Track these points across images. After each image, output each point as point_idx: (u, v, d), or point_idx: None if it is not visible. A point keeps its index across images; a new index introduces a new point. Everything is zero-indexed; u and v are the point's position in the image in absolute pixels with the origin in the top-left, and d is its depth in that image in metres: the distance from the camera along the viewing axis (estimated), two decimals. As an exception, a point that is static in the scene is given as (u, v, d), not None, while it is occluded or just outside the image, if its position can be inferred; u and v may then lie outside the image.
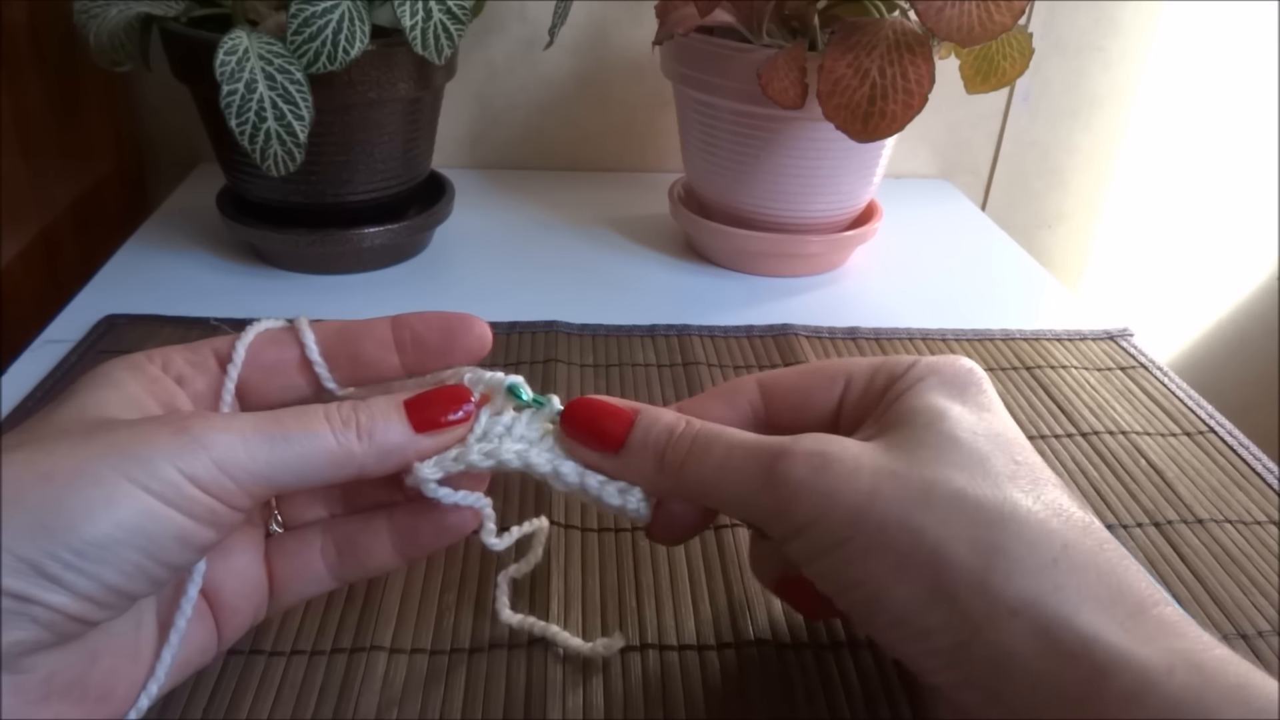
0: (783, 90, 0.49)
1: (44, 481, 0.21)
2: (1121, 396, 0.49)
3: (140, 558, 0.22)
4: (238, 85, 0.46)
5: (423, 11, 0.49)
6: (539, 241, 0.65)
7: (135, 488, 0.22)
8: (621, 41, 0.74)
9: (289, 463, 0.24)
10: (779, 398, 0.30)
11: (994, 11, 0.45)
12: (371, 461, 0.26)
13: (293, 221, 0.56)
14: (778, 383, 0.30)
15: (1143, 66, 0.79)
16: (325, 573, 0.29)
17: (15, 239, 0.59)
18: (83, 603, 0.22)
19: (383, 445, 0.26)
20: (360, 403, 0.26)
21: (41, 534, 0.21)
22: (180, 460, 0.23)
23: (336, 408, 0.26)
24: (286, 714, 0.29)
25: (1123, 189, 0.84)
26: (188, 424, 0.23)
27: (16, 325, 0.56)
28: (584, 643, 0.31)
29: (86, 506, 0.21)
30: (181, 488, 0.23)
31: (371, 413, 0.26)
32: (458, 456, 0.27)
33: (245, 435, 0.24)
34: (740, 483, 0.26)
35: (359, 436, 0.25)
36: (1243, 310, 0.91)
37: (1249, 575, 0.37)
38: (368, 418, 0.26)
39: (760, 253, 0.60)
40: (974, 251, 0.68)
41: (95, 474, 0.22)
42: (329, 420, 0.25)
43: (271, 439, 0.24)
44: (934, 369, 0.28)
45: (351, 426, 0.25)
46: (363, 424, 0.25)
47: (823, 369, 0.30)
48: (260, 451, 0.24)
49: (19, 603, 0.21)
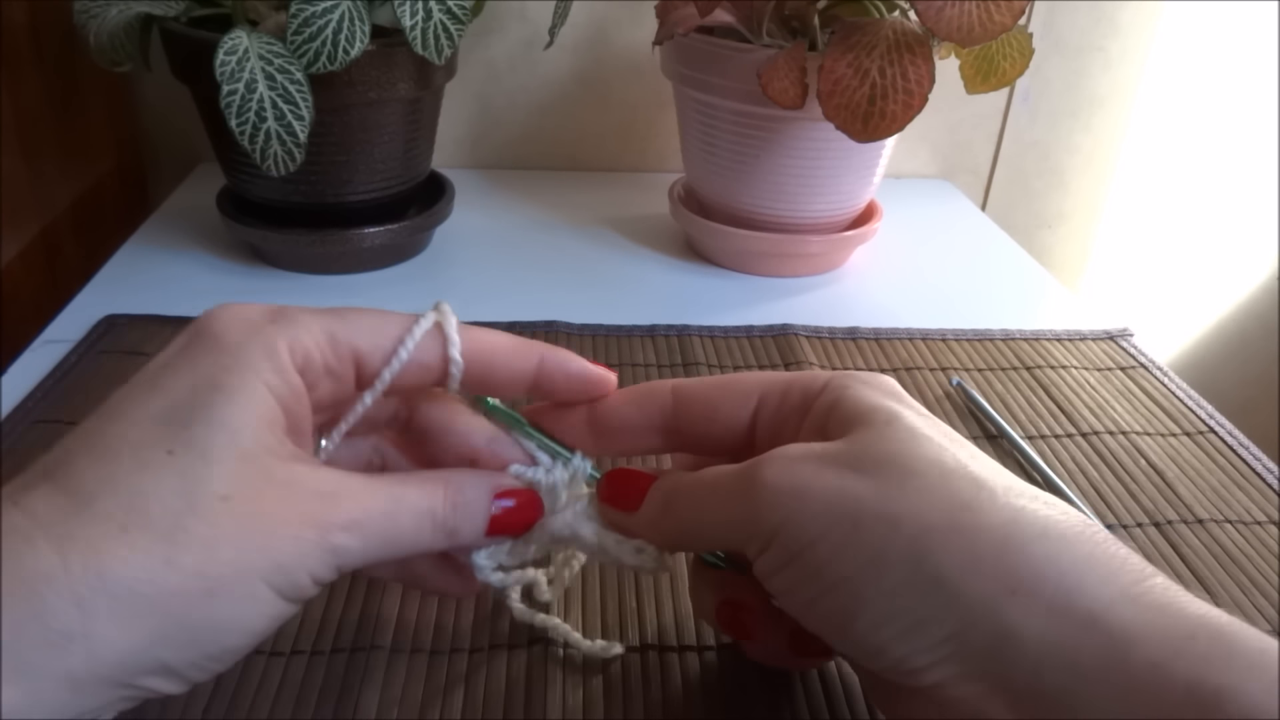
0: (783, 90, 0.49)
1: (208, 599, 0.21)
2: (1121, 396, 0.49)
3: (251, 646, 0.23)
4: (238, 85, 0.46)
5: (423, 11, 0.49)
6: (539, 241, 0.65)
7: (277, 598, 0.23)
8: (621, 41, 0.74)
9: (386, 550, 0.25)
10: (688, 407, 0.29)
11: (994, 11, 0.45)
12: (444, 547, 0.27)
13: (293, 221, 0.56)
14: (689, 393, 0.29)
15: (1143, 66, 0.79)
16: None
17: (15, 239, 0.59)
18: (184, 686, 0.22)
19: (459, 543, 0.27)
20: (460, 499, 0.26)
21: (194, 648, 0.22)
22: (315, 567, 0.23)
23: (443, 504, 0.26)
24: (286, 714, 0.29)
25: (1123, 189, 0.84)
26: (329, 523, 0.23)
27: (16, 325, 0.56)
28: (587, 640, 0.31)
29: (236, 624, 0.22)
30: (307, 590, 0.24)
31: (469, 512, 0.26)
32: (511, 550, 0.29)
33: (368, 539, 0.24)
34: (722, 501, 0.26)
35: (446, 537, 0.26)
36: (1243, 310, 0.91)
37: (1249, 575, 0.37)
38: (462, 518, 0.26)
39: (760, 253, 0.60)
40: (974, 251, 0.68)
41: (251, 591, 0.22)
42: (433, 521, 0.26)
43: (384, 535, 0.25)
44: (858, 379, 0.27)
45: (448, 529, 0.26)
46: (454, 528, 0.26)
47: (734, 384, 0.29)
48: (374, 545, 0.24)
49: (140, 691, 0.21)
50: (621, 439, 0.29)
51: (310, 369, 0.25)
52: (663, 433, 0.29)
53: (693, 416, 0.29)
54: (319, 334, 0.25)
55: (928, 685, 0.22)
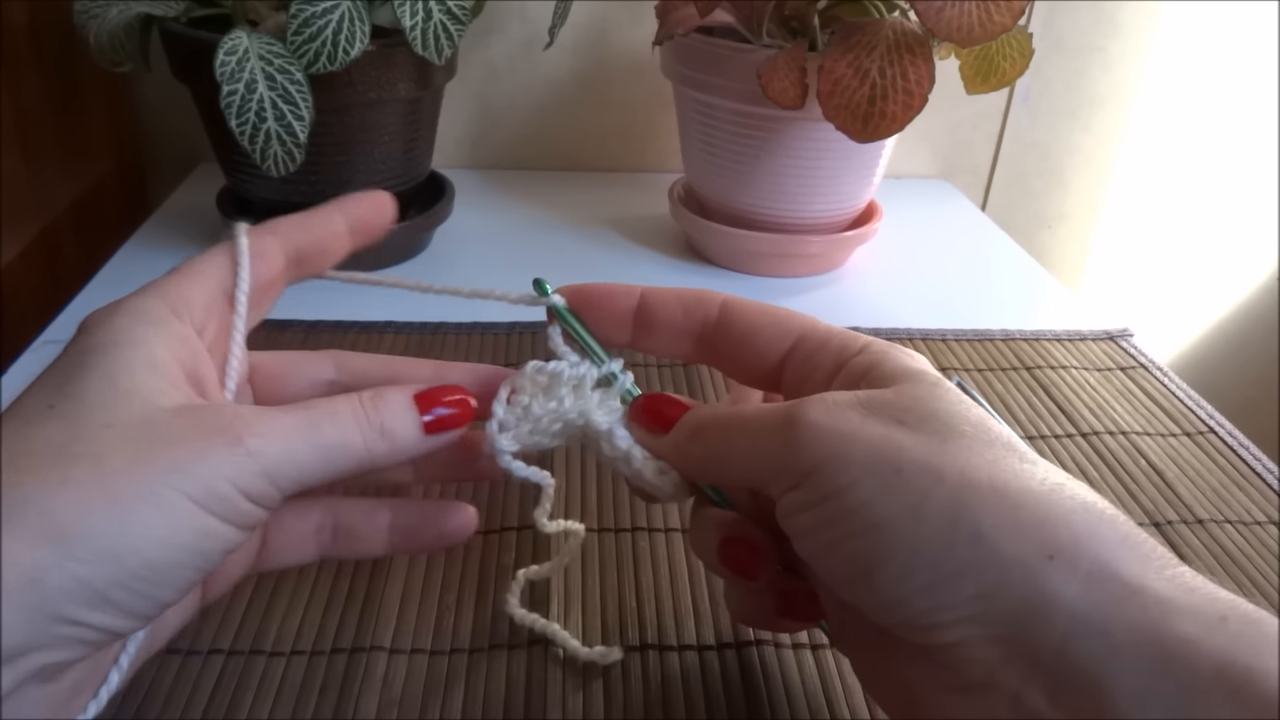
0: (783, 90, 0.49)
1: (111, 506, 0.21)
2: (1121, 397, 0.49)
3: (192, 573, 0.22)
4: (238, 85, 0.46)
5: (423, 11, 0.49)
6: (539, 241, 0.65)
7: (196, 508, 0.22)
8: (621, 41, 0.74)
9: (323, 465, 0.24)
10: (730, 326, 0.29)
11: (994, 12, 0.45)
12: (388, 460, 0.26)
13: (293, 221, 0.56)
14: (736, 313, 0.29)
15: (1143, 66, 0.79)
16: (314, 549, 0.29)
17: (15, 239, 0.59)
18: (132, 620, 0.22)
19: (397, 447, 0.26)
20: (378, 398, 0.26)
21: (111, 562, 0.21)
22: (236, 475, 0.22)
23: (361, 405, 0.26)
24: (286, 714, 0.29)
25: (1123, 189, 0.84)
26: (239, 433, 0.23)
27: (16, 325, 0.56)
28: (585, 648, 0.31)
29: (152, 531, 0.21)
30: (236, 503, 0.23)
31: (391, 410, 0.26)
32: (534, 428, 0.28)
33: (291, 442, 0.24)
34: (757, 431, 0.25)
35: (380, 436, 0.25)
36: (1243, 310, 0.91)
37: (1249, 575, 0.37)
38: (389, 416, 0.26)
39: (760, 253, 0.60)
40: (974, 252, 0.68)
41: (160, 496, 0.21)
42: (356, 420, 0.25)
43: (310, 443, 0.24)
44: (896, 347, 0.27)
45: (376, 427, 0.25)
46: (386, 424, 0.26)
47: (779, 317, 0.29)
48: (302, 456, 0.24)
49: (75, 627, 0.21)
50: (660, 338, 0.30)
51: (192, 314, 0.26)
52: (699, 341, 0.29)
53: (732, 336, 0.29)
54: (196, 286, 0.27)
55: (942, 644, 0.22)
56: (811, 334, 0.28)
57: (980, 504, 0.21)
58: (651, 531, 0.38)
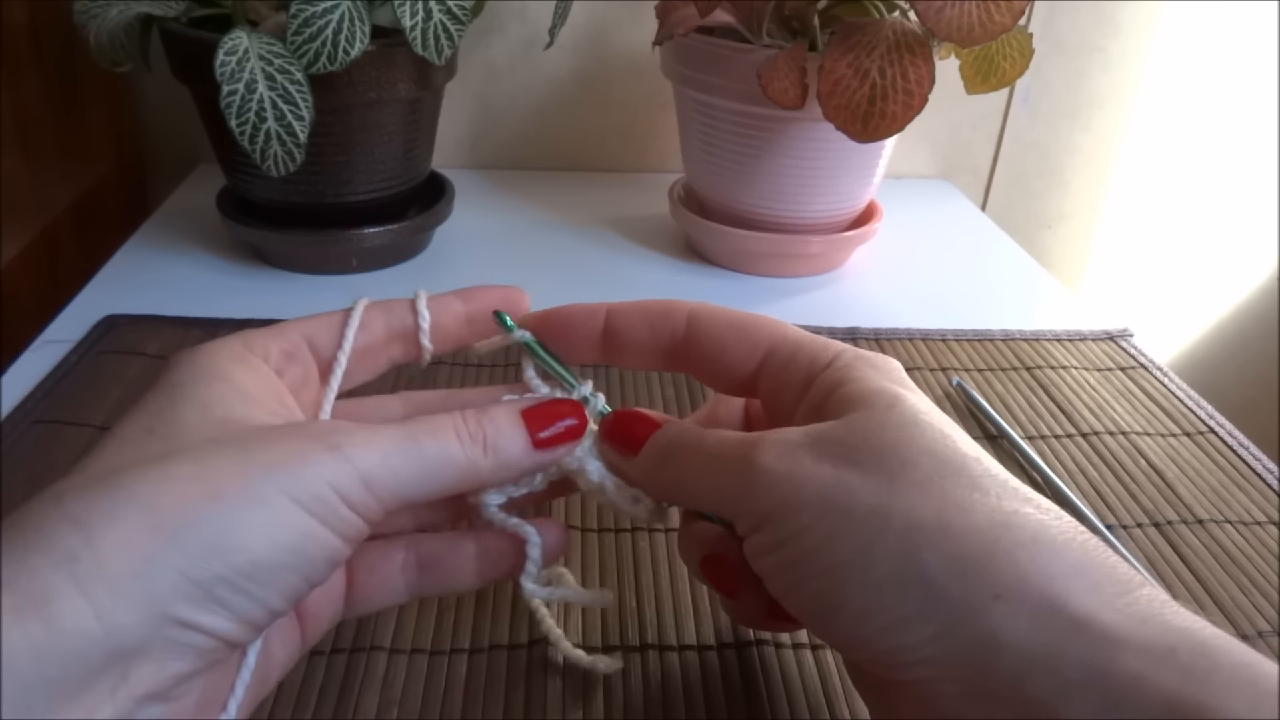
0: (783, 90, 0.49)
1: (215, 501, 0.21)
2: (1121, 397, 0.49)
3: (297, 579, 0.22)
4: (238, 85, 0.46)
5: (423, 12, 0.49)
6: (539, 241, 0.65)
7: (298, 508, 0.22)
8: (621, 41, 0.74)
9: (423, 478, 0.24)
10: (698, 341, 0.29)
11: (994, 12, 0.45)
12: (492, 476, 0.26)
13: (293, 221, 0.56)
14: (703, 327, 0.29)
15: (1143, 67, 0.79)
16: (403, 587, 0.29)
17: (15, 239, 0.59)
18: (242, 627, 0.21)
19: (504, 460, 0.26)
20: (483, 414, 0.26)
21: (216, 557, 0.20)
22: (335, 479, 0.22)
23: (463, 419, 0.26)
24: (286, 714, 0.29)
25: (1123, 189, 0.84)
26: (336, 439, 0.23)
27: (16, 325, 0.56)
28: (585, 655, 0.31)
29: (256, 528, 0.21)
30: (336, 507, 0.22)
31: (496, 424, 0.26)
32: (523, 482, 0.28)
33: (387, 450, 0.24)
34: (720, 472, 0.25)
35: (484, 451, 0.25)
36: (1243, 310, 0.91)
37: (1249, 575, 0.37)
38: (493, 431, 0.26)
39: (760, 253, 0.60)
40: (974, 252, 0.68)
41: (263, 494, 0.21)
42: (458, 433, 0.25)
43: (408, 454, 0.24)
44: (865, 360, 0.27)
45: (479, 441, 0.25)
46: (489, 438, 0.26)
47: (747, 329, 0.29)
48: (400, 467, 0.24)
49: (185, 630, 0.20)
50: (630, 355, 0.30)
51: (269, 357, 0.27)
52: (670, 355, 0.29)
53: (701, 351, 0.29)
54: (274, 336, 0.27)
55: (909, 681, 0.22)
56: (780, 347, 0.28)
57: (927, 545, 0.22)
58: (651, 531, 0.38)
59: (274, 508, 0.21)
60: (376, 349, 0.29)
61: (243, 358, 0.26)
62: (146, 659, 0.20)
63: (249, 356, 0.26)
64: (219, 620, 0.21)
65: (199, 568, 0.20)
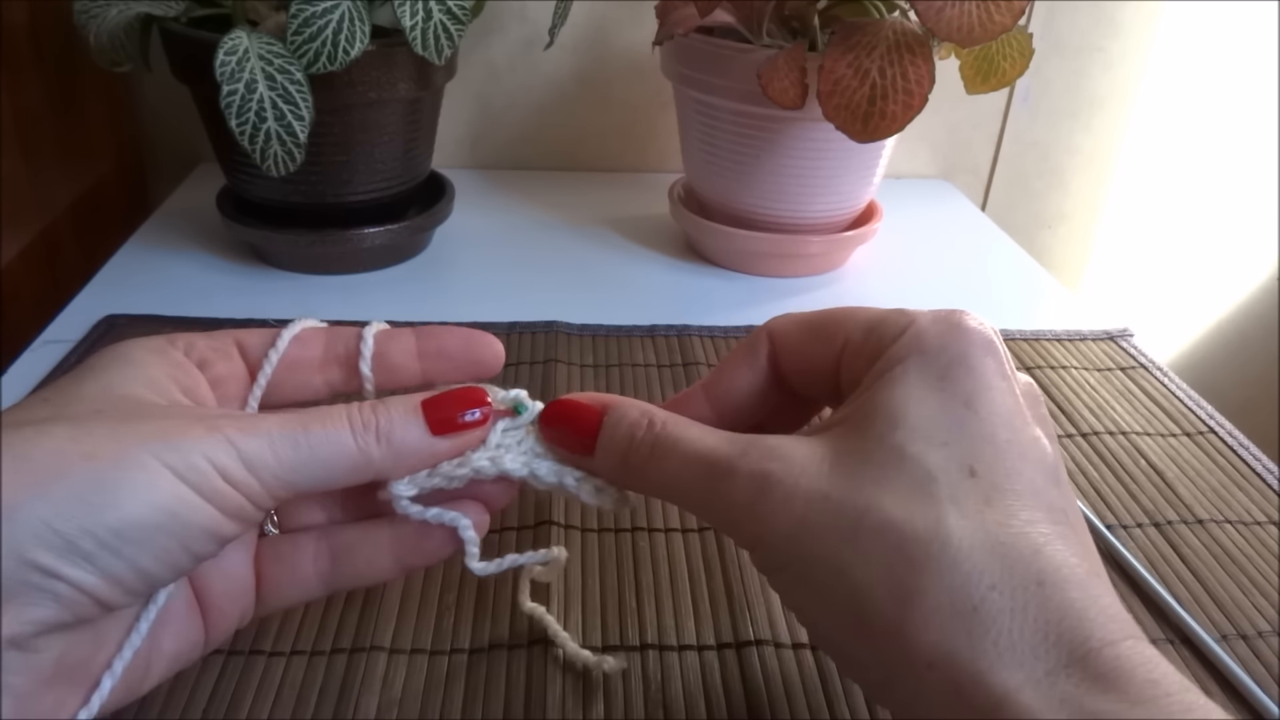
0: (783, 90, 0.49)
1: (88, 459, 0.21)
2: (1121, 397, 0.49)
3: (171, 543, 0.22)
4: (238, 85, 0.46)
5: (423, 11, 0.49)
6: (539, 241, 0.65)
7: (173, 475, 0.22)
8: (621, 41, 0.74)
9: (311, 466, 0.24)
10: (784, 353, 0.29)
11: (994, 12, 0.45)
12: (389, 466, 0.26)
13: (293, 221, 0.56)
14: (784, 338, 0.29)
15: (1143, 67, 0.79)
16: (315, 580, 0.28)
17: (15, 239, 0.59)
18: (109, 585, 0.22)
19: (400, 448, 0.26)
20: (379, 403, 0.26)
21: (82, 510, 0.21)
22: (213, 455, 0.23)
23: (358, 409, 0.25)
24: (286, 714, 0.29)
25: (1123, 189, 0.84)
26: (218, 422, 0.24)
27: (16, 325, 0.56)
28: (590, 654, 0.31)
29: (127, 487, 0.22)
30: (213, 480, 0.23)
31: (390, 415, 0.26)
32: (431, 473, 0.27)
33: (272, 436, 0.24)
34: (693, 496, 0.26)
35: (378, 440, 0.25)
36: (1243, 310, 0.91)
37: (1249, 575, 0.37)
38: (386, 420, 0.25)
39: (760, 253, 0.60)
40: (974, 252, 0.68)
41: (137, 458, 0.22)
42: (350, 422, 0.25)
43: (295, 441, 0.24)
44: (919, 346, 0.25)
45: (371, 430, 0.25)
46: (381, 426, 0.25)
47: (823, 325, 0.28)
48: (285, 453, 0.24)
49: (46, 578, 0.21)
50: (747, 407, 0.29)
51: (193, 349, 0.27)
52: (775, 385, 0.29)
53: (790, 366, 0.29)
54: (204, 336, 0.28)
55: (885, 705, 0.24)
56: (854, 335, 0.27)
57: (875, 609, 0.22)
58: (651, 531, 0.38)
59: (148, 471, 0.22)
60: (310, 365, 0.29)
61: (162, 349, 0.27)
62: (8, 601, 0.21)
63: (169, 349, 0.27)
64: (82, 573, 0.21)
65: (63, 518, 0.21)
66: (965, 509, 0.22)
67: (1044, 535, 0.22)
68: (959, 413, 0.24)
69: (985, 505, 0.22)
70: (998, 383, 0.25)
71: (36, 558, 0.20)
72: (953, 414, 0.24)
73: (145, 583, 0.23)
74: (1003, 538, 0.22)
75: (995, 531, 0.22)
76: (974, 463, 0.23)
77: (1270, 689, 0.32)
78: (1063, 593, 0.21)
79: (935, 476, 0.23)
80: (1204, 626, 0.35)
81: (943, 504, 0.22)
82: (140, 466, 0.22)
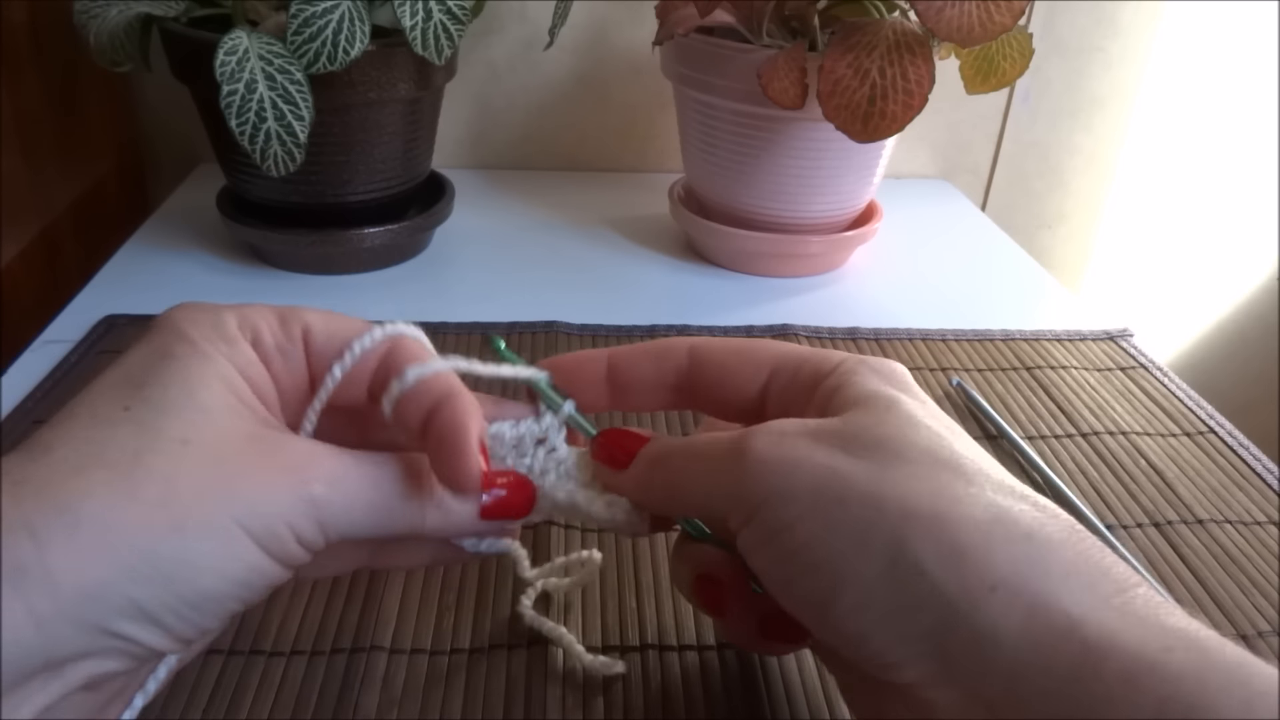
0: (783, 90, 0.49)
1: (176, 533, 0.21)
2: (1121, 397, 0.49)
3: (236, 605, 0.23)
4: (238, 85, 0.46)
5: (423, 12, 0.49)
6: (539, 241, 0.65)
7: (252, 544, 0.22)
8: (621, 41, 0.74)
9: (373, 525, 0.25)
10: (703, 371, 0.29)
11: (994, 12, 0.45)
12: (431, 530, 0.26)
13: (293, 221, 0.56)
14: (705, 357, 0.29)
15: (1143, 67, 0.79)
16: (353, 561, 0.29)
17: (15, 239, 0.59)
18: (173, 641, 0.22)
19: (448, 523, 0.26)
20: None
21: (165, 587, 0.21)
22: (293, 517, 0.23)
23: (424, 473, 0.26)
24: (286, 714, 0.29)
25: (1123, 189, 0.84)
26: (306, 475, 0.23)
27: (16, 325, 0.56)
28: (596, 658, 0.31)
29: (209, 562, 0.22)
30: (288, 544, 0.23)
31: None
32: None
33: (351, 498, 0.24)
34: (710, 469, 0.25)
35: (435, 506, 0.26)
36: (1243, 310, 0.91)
37: (1249, 575, 0.37)
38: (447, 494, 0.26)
39: (760, 253, 0.60)
40: (974, 252, 0.68)
41: (221, 529, 0.22)
42: (420, 493, 0.25)
43: (368, 504, 0.24)
44: (868, 365, 0.27)
45: (433, 502, 0.26)
46: (442, 500, 0.26)
47: (750, 353, 0.29)
48: (359, 515, 0.24)
49: (123, 642, 0.21)
50: (637, 395, 0.30)
51: (260, 343, 0.26)
52: (676, 391, 0.29)
53: (707, 381, 0.29)
54: (267, 314, 0.26)
55: (904, 683, 0.22)
56: (784, 365, 0.28)
57: (922, 534, 0.21)
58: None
59: (230, 543, 0.22)
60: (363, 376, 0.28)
61: (232, 339, 0.25)
62: (82, 661, 0.21)
63: (239, 341, 0.25)
64: (156, 637, 0.22)
65: (148, 596, 0.21)
66: (983, 466, 0.24)
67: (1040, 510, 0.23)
68: (929, 408, 0.26)
69: (994, 469, 0.24)
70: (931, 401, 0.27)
71: (119, 629, 0.21)
72: (925, 407, 0.26)
73: (203, 636, 0.23)
74: (1027, 495, 0.23)
75: (1016, 488, 0.23)
76: (969, 444, 0.25)
77: (1270, 689, 0.32)
78: (1091, 541, 0.22)
79: (949, 439, 0.24)
80: (1204, 626, 0.35)
81: (964, 459, 0.23)
82: (222, 539, 0.22)
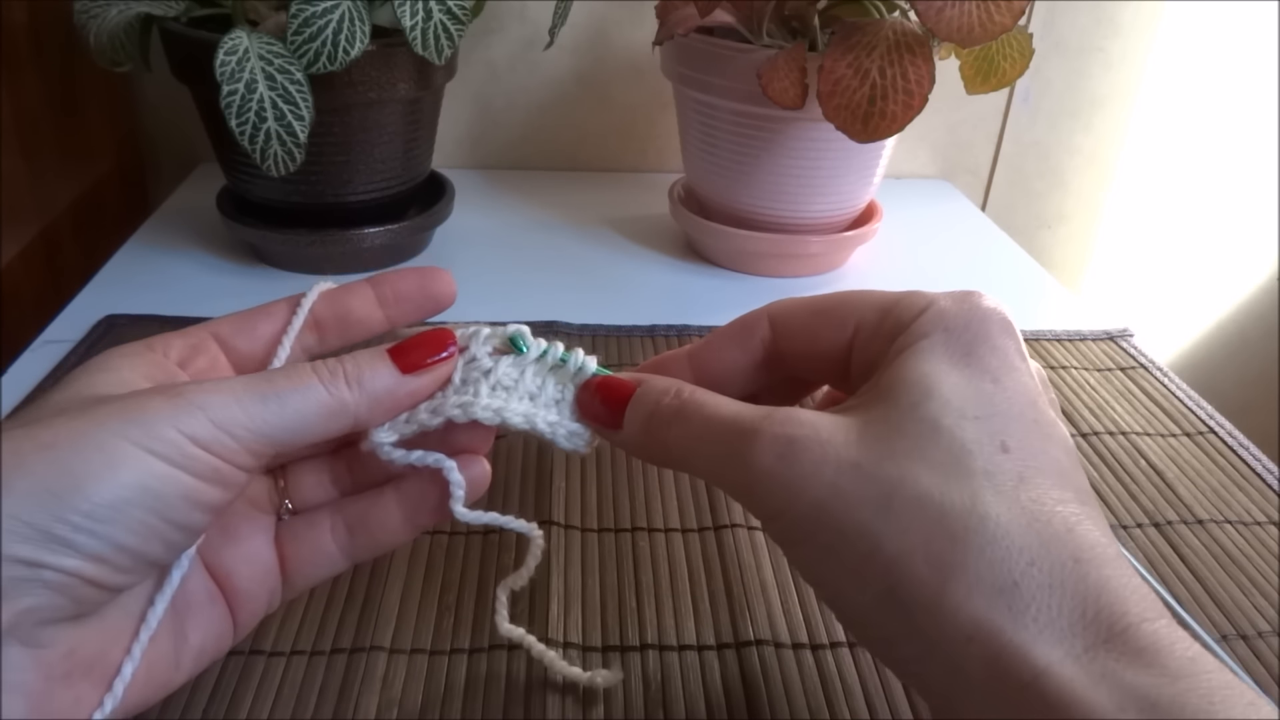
0: (783, 90, 0.49)
1: (46, 449, 0.21)
2: (1121, 397, 0.49)
3: (150, 517, 0.22)
4: (238, 85, 0.46)
5: (423, 11, 0.49)
6: (539, 241, 0.65)
7: (137, 449, 0.22)
8: (621, 41, 0.74)
9: (285, 418, 0.24)
10: (788, 337, 0.28)
11: (994, 12, 0.45)
12: (364, 409, 0.26)
13: (293, 221, 0.56)
14: (788, 322, 0.29)
15: (1143, 67, 0.79)
16: (337, 553, 0.29)
17: (15, 239, 0.59)
18: (95, 564, 0.22)
19: (373, 391, 0.26)
20: (346, 355, 0.26)
21: (48, 499, 0.21)
22: (178, 421, 0.23)
23: (323, 361, 0.26)
24: (286, 714, 0.29)
25: (1123, 189, 0.84)
26: (181, 389, 0.24)
27: (16, 325, 0.56)
28: (581, 672, 0.30)
29: (91, 470, 0.22)
30: (183, 446, 0.23)
31: (358, 361, 0.26)
32: (409, 418, 0.27)
33: (238, 394, 0.24)
34: (713, 460, 0.25)
35: (349, 385, 0.25)
36: (1243, 310, 0.91)
37: (1249, 575, 0.37)
38: (354, 366, 0.26)
39: (760, 253, 0.60)
40: (974, 252, 0.68)
41: (96, 440, 0.22)
42: (317, 373, 0.25)
43: (264, 396, 0.24)
44: (943, 323, 0.25)
45: (340, 377, 0.25)
46: (350, 373, 0.26)
47: (832, 310, 0.28)
48: (255, 408, 0.24)
49: (28, 568, 0.21)
50: (728, 385, 0.29)
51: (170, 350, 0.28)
52: (764, 368, 0.29)
53: (794, 350, 0.28)
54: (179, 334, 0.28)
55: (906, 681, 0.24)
56: (865, 320, 0.27)
57: (910, 582, 0.22)
58: (651, 531, 0.38)
59: (110, 451, 0.22)
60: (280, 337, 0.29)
61: (139, 353, 0.27)
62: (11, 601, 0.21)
63: (147, 352, 0.27)
64: (64, 558, 0.21)
65: (30, 509, 0.21)
66: (1000, 485, 0.22)
67: (1075, 514, 0.22)
68: (987, 388, 0.24)
69: (1019, 482, 0.22)
70: (1019, 363, 0.25)
71: (15, 551, 0.21)
72: (981, 389, 0.24)
73: (134, 559, 0.22)
74: (1038, 515, 0.22)
75: (1030, 508, 0.22)
76: (1005, 438, 0.23)
77: (1270, 689, 0.32)
78: (1098, 570, 0.21)
79: (970, 450, 0.23)
80: (1204, 626, 0.35)
81: (978, 478, 0.22)
82: (100, 447, 0.22)
